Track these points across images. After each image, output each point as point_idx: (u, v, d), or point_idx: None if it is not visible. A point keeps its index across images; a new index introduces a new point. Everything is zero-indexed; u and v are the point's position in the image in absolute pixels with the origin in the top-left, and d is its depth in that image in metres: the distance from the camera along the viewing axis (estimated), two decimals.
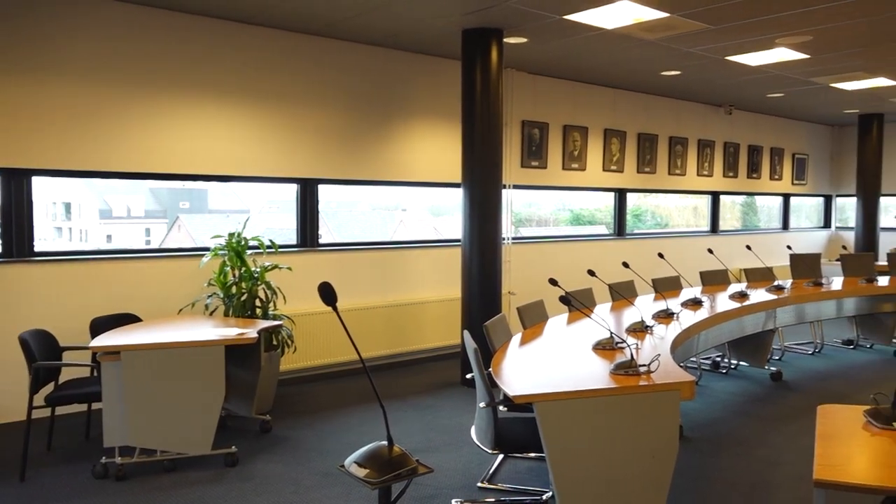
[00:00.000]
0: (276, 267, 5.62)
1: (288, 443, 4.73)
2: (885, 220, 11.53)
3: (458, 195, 6.34)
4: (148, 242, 7.03)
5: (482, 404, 3.43)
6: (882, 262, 9.02)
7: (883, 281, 7.57)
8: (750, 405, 5.67)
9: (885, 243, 10.98)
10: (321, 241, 6.62)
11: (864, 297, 7.23)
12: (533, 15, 5.52)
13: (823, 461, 2.32)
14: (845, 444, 2.51)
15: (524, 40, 6.32)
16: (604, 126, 8.80)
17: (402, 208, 8.28)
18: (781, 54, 6.80)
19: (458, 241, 6.49)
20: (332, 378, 6.40)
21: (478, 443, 3.55)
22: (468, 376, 3.72)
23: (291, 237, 6.48)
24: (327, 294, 2.59)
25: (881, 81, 8.22)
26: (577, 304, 4.48)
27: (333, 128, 6.48)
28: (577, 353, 3.83)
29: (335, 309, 2.61)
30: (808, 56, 6.86)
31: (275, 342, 5.49)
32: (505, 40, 6.16)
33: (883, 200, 11.52)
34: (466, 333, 3.78)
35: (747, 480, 4.12)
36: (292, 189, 6.46)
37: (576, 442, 3.03)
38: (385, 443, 2.57)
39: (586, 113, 8.58)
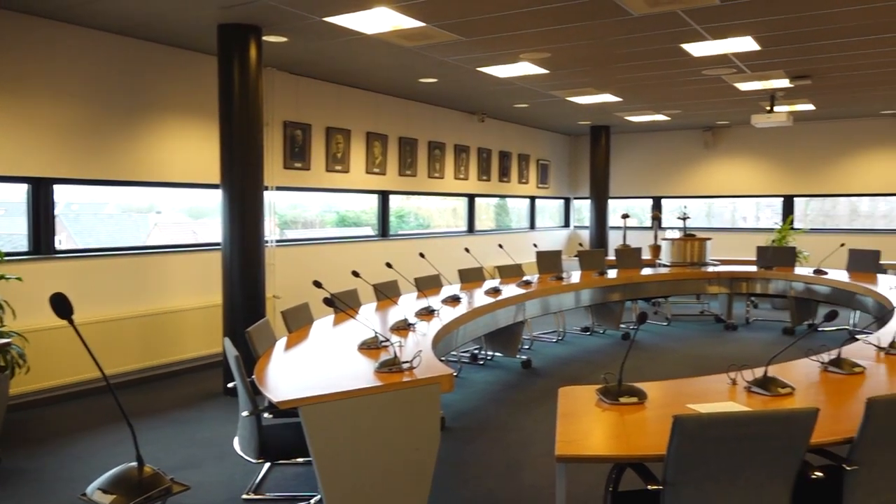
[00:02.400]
0: (2, 277, 4.95)
1: (23, 475, 4.20)
2: (612, 219, 13.07)
3: (218, 197, 6.06)
4: None
5: (245, 413, 3.32)
6: (611, 256, 10.22)
7: (612, 273, 8.56)
8: (504, 392, 6.11)
9: (614, 240, 12.45)
10: (60, 247, 5.96)
11: (598, 288, 8.14)
12: (291, 14, 5.45)
13: (564, 438, 2.56)
14: (582, 420, 2.79)
15: (284, 39, 6.22)
16: (366, 129, 8.95)
17: (157, 210, 7.72)
18: (525, 68, 7.41)
19: (218, 244, 6.21)
20: (78, 398, 5.79)
21: (241, 453, 3.43)
22: (230, 385, 3.57)
23: (22, 244, 5.75)
24: (60, 305, 2.34)
25: (607, 97, 9.30)
26: (342, 305, 4.51)
27: (74, 122, 5.86)
28: (342, 354, 3.86)
29: (71, 322, 2.37)
30: (547, 71, 7.56)
31: (2, 363, 4.83)
32: (264, 38, 6.01)
33: (611, 203, 13.07)
34: (227, 341, 3.64)
35: (502, 461, 4.43)
36: (22, 189, 5.73)
37: (342, 442, 3.05)
38: (135, 464, 2.38)
39: (349, 116, 8.67)
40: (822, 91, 8.83)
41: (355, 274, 5.27)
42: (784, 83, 8.14)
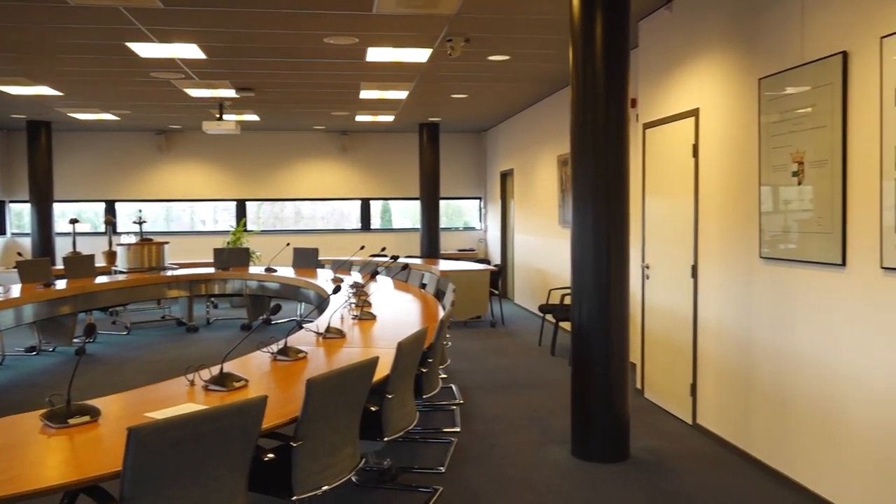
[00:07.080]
0: None
1: None
2: (60, 225, 11.89)
3: None
4: None
5: None
6: (60, 266, 9.31)
7: (61, 284, 7.80)
8: None
9: (62, 247, 11.33)
10: None
11: (44, 302, 7.31)
12: None
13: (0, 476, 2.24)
14: (24, 453, 2.48)
15: None
16: None
17: None
18: None
19: None
20: None
21: None
22: None
23: None
24: None
25: (45, 90, 8.40)
26: None
27: None
28: None
29: None
30: None
31: None
32: None
33: (57, 206, 11.88)
34: None
35: None
36: None
37: None
38: None
39: None
40: (264, 104, 9.63)
41: None
42: (231, 93, 8.61)
